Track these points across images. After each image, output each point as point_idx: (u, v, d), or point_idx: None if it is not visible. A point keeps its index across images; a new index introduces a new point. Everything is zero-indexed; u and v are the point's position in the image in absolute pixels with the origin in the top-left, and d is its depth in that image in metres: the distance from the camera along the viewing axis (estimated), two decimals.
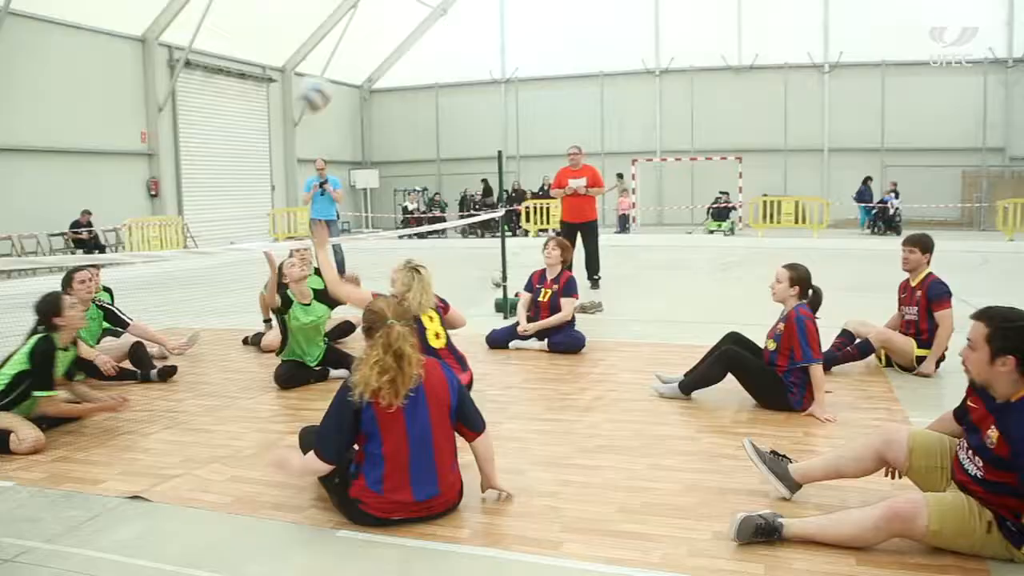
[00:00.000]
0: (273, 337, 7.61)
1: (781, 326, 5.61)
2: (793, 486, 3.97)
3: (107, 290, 8.03)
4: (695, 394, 5.87)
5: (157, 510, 4.11)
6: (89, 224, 19.80)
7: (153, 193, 22.95)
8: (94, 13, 20.22)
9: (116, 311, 7.43)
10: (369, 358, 3.77)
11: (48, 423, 5.37)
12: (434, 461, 3.83)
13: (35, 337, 5.41)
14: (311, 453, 3.84)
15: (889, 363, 6.70)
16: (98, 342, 7.36)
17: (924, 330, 6.52)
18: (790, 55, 26.89)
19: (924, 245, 6.64)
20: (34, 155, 19.21)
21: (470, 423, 4.04)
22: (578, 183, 11.79)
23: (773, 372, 5.54)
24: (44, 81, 19.08)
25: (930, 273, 6.65)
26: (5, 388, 5.22)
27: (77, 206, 19.70)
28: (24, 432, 5.07)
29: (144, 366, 7.04)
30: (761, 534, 3.50)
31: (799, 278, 5.62)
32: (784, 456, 4.10)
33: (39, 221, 18.77)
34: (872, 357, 6.75)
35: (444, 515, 3.89)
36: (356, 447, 3.90)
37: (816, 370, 5.41)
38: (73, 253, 18.73)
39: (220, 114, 25.43)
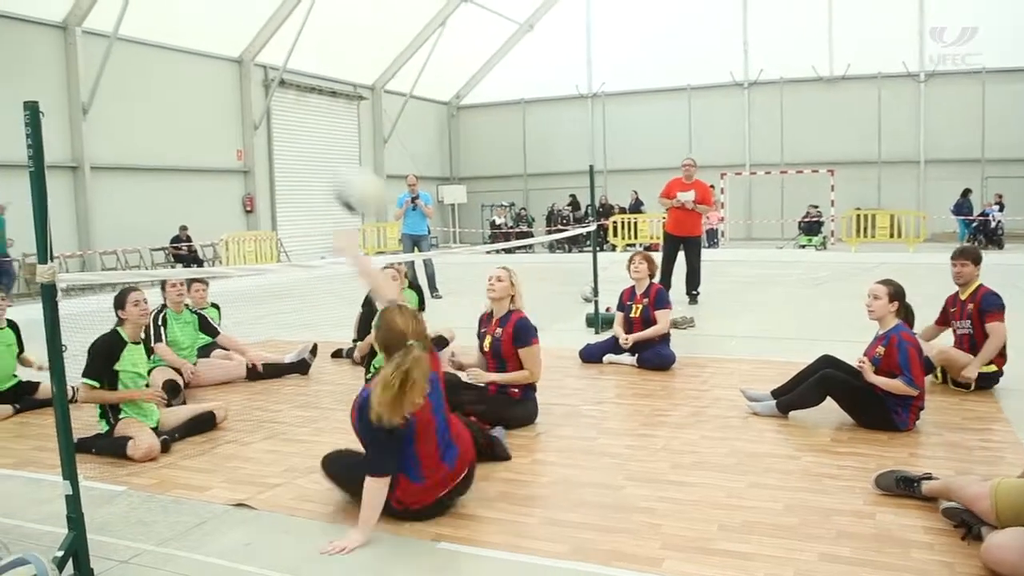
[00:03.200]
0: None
1: (881, 349, 5.41)
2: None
3: (215, 306, 8.34)
4: (791, 412, 5.76)
5: (261, 518, 4.21)
6: (188, 239, 20.50)
7: (248, 209, 23.65)
8: (195, 37, 21.05)
9: (209, 319, 7.67)
10: (381, 381, 3.77)
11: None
12: (451, 431, 4.15)
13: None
14: (368, 481, 3.88)
15: (945, 379, 6.47)
16: (204, 352, 7.66)
17: (980, 344, 6.28)
18: (884, 64, 26.26)
19: (975, 257, 6.48)
20: (137, 173, 20.04)
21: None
22: (686, 196, 11.66)
23: (875, 393, 5.37)
24: (147, 102, 19.90)
25: (981, 285, 6.44)
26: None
27: (177, 222, 20.46)
28: (141, 437, 5.26)
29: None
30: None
31: (896, 293, 5.46)
32: (918, 480, 4.09)
33: (141, 236, 19.55)
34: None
35: (469, 479, 4.20)
36: None
37: (904, 388, 5.23)
38: (173, 267, 19.41)
39: (312, 131, 26.09)
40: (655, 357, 7.57)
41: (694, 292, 11.79)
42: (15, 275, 16.19)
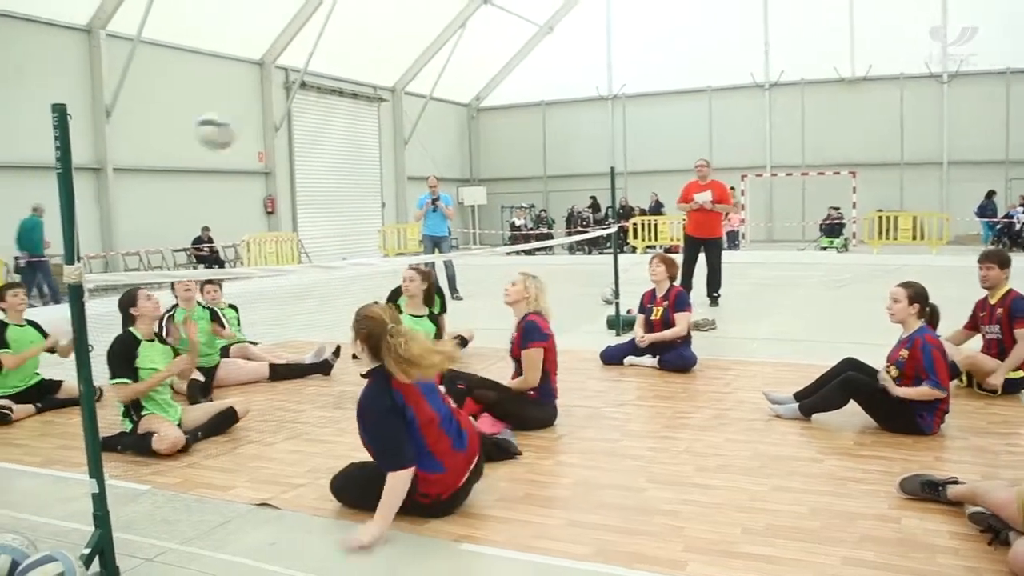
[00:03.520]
0: None
1: (904, 352, 5.35)
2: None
3: (233, 307, 8.41)
4: (814, 415, 5.72)
5: (284, 517, 4.23)
6: (210, 240, 20.63)
7: (269, 210, 23.78)
8: (217, 39, 21.21)
9: (221, 316, 7.79)
10: (388, 356, 3.98)
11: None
12: (457, 420, 4.25)
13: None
14: (390, 476, 3.93)
15: (971, 383, 6.40)
16: (225, 353, 7.75)
17: (1009, 349, 6.19)
18: (906, 65, 26.06)
19: (1002, 260, 6.38)
20: (160, 174, 20.21)
21: None
22: (703, 197, 11.61)
23: (899, 397, 5.33)
24: (170, 104, 20.01)
25: (1011, 290, 6.35)
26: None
27: (198, 223, 20.61)
28: (166, 431, 5.32)
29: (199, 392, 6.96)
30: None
31: (916, 294, 5.40)
32: (943, 485, 4.05)
33: (163, 238, 19.70)
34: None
35: (481, 462, 4.32)
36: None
37: (931, 393, 5.18)
38: (195, 268, 19.53)
39: (333, 133, 26.23)
40: (676, 359, 7.55)
41: (715, 294, 11.72)
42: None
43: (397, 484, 3.92)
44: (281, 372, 7.70)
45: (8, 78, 16.63)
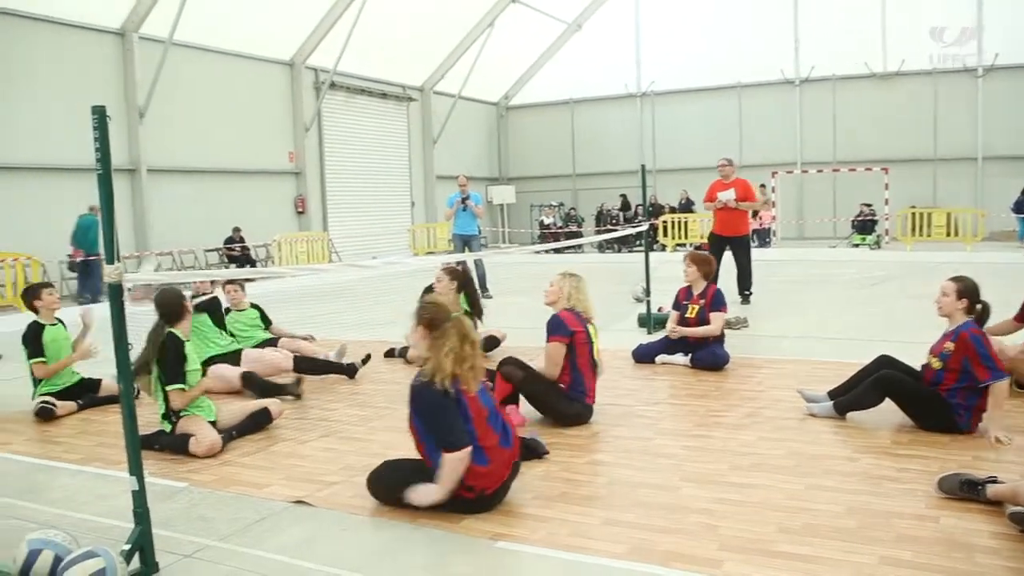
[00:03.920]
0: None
1: (950, 345, 5.28)
2: None
3: (255, 307, 8.47)
4: (849, 413, 5.68)
5: (319, 515, 4.26)
6: (241, 240, 20.81)
7: (300, 210, 23.94)
8: (247, 41, 21.40)
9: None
10: (442, 347, 4.04)
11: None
12: (500, 415, 4.30)
13: (164, 335, 5.55)
14: (446, 457, 4.00)
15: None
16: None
17: None
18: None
19: None
20: (192, 175, 20.43)
21: None
22: (727, 196, 11.59)
23: (937, 394, 5.28)
24: (201, 106, 20.27)
25: None
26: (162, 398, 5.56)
27: (230, 223, 20.80)
28: (203, 434, 5.38)
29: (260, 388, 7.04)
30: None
31: (965, 290, 5.34)
32: (982, 483, 4.00)
33: (196, 237, 19.89)
34: None
35: (518, 464, 4.34)
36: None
37: (1002, 387, 5.11)
38: (227, 268, 19.71)
39: (362, 133, 26.38)
40: (709, 357, 7.51)
41: (747, 292, 11.66)
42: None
43: (455, 464, 4.00)
44: (304, 365, 7.69)
45: (44, 81, 16.87)
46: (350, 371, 7.76)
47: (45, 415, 6.52)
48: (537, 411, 5.83)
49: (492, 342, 8.38)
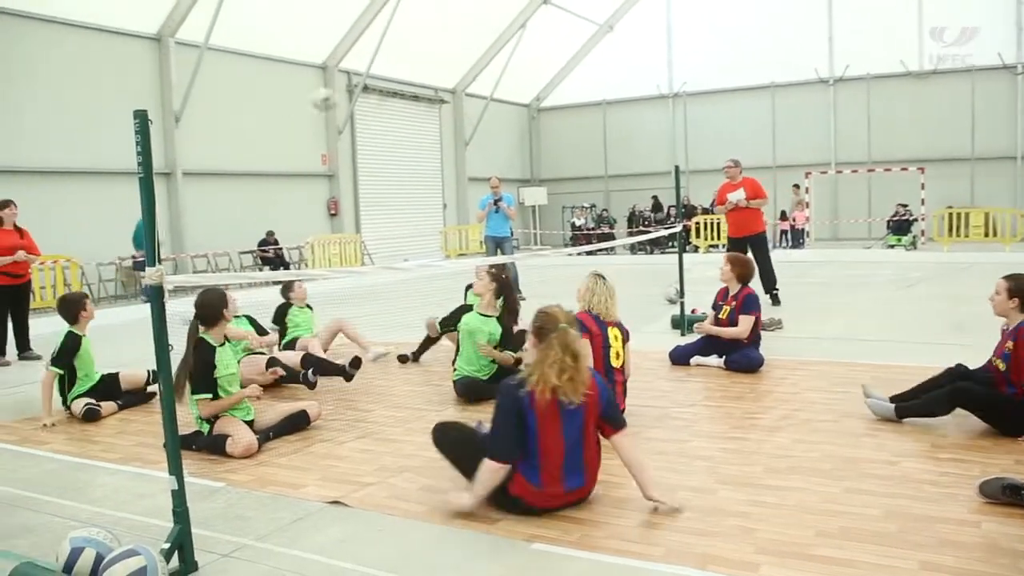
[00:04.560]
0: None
1: (1010, 344, 5.21)
2: None
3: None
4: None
5: (356, 515, 4.29)
6: (275, 242, 20.98)
7: (333, 212, 24.10)
8: (281, 45, 21.59)
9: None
10: (546, 358, 4.01)
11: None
12: (583, 459, 4.15)
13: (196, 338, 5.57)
14: (486, 463, 4.04)
15: None
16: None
17: None
18: (977, 57, 25.40)
19: None
20: (226, 178, 20.64)
21: (612, 421, 4.25)
22: (737, 196, 11.62)
23: (1010, 399, 5.15)
24: (236, 109, 20.47)
25: None
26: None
27: (264, 226, 20.98)
28: (240, 435, 5.42)
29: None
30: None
31: (1016, 288, 5.24)
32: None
33: (230, 239, 20.08)
34: None
35: (584, 500, 4.25)
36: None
37: None
38: (260, 270, 19.89)
39: (395, 135, 26.46)
40: (743, 359, 7.46)
41: (774, 291, 11.54)
42: None
43: (489, 472, 4.03)
44: (312, 363, 7.54)
45: (80, 86, 17.12)
46: (345, 375, 7.48)
47: (91, 416, 6.60)
48: None
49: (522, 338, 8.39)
